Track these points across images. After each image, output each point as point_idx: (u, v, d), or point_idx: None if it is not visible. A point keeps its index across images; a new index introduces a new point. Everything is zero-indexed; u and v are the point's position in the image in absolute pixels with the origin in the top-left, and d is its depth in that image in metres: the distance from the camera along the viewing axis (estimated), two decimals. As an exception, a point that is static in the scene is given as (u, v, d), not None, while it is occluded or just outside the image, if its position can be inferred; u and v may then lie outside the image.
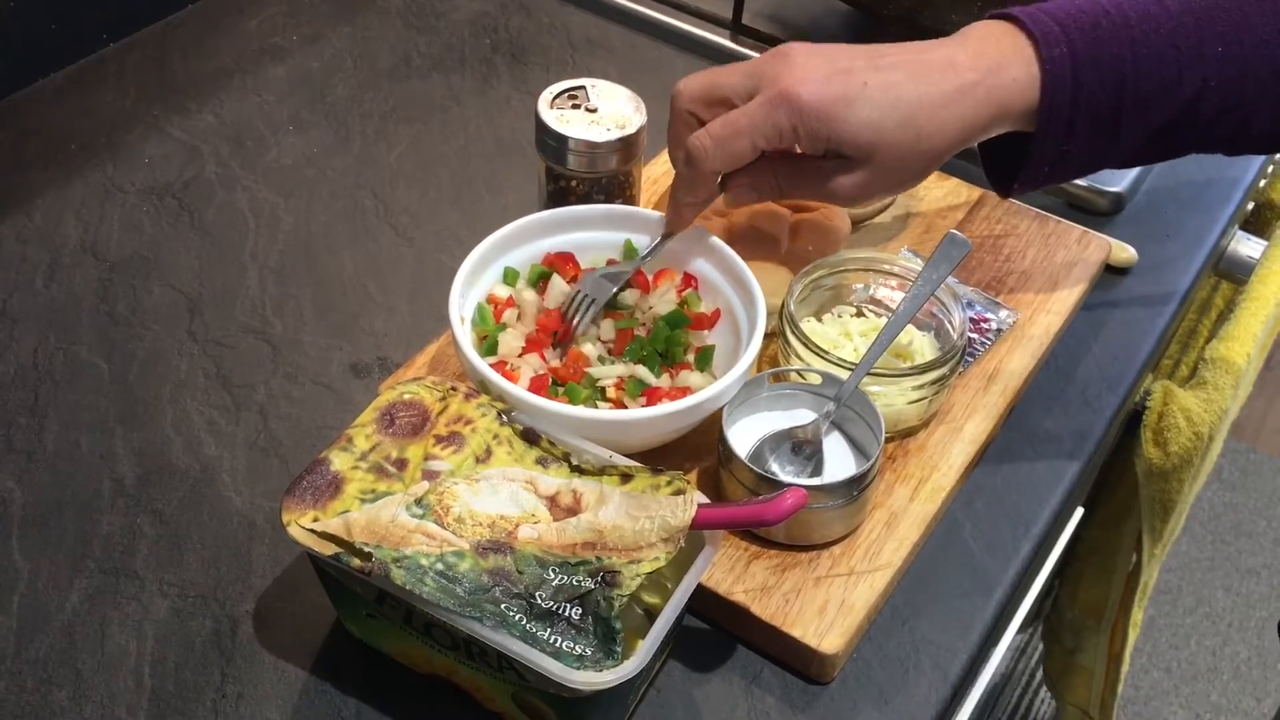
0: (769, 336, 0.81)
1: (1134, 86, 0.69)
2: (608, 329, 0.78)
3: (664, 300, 0.79)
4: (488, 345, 0.76)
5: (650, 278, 0.81)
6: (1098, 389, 0.87)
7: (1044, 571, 1.06)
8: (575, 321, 0.77)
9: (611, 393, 0.75)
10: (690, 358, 0.78)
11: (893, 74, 0.70)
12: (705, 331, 0.79)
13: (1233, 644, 1.99)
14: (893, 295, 0.84)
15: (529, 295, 0.79)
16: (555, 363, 0.76)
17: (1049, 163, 0.73)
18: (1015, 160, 0.75)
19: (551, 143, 0.82)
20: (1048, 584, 1.19)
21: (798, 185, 0.75)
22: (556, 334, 0.77)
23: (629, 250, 0.81)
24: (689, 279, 0.81)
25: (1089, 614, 1.22)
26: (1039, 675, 1.67)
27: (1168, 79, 0.69)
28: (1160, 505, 1.02)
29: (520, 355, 0.76)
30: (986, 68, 0.70)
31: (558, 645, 0.60)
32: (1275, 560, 2.12)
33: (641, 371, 0.75)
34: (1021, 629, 1.22)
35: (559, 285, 0.78)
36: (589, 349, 0.76)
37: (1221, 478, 2.23)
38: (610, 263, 0.81)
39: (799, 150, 0.73)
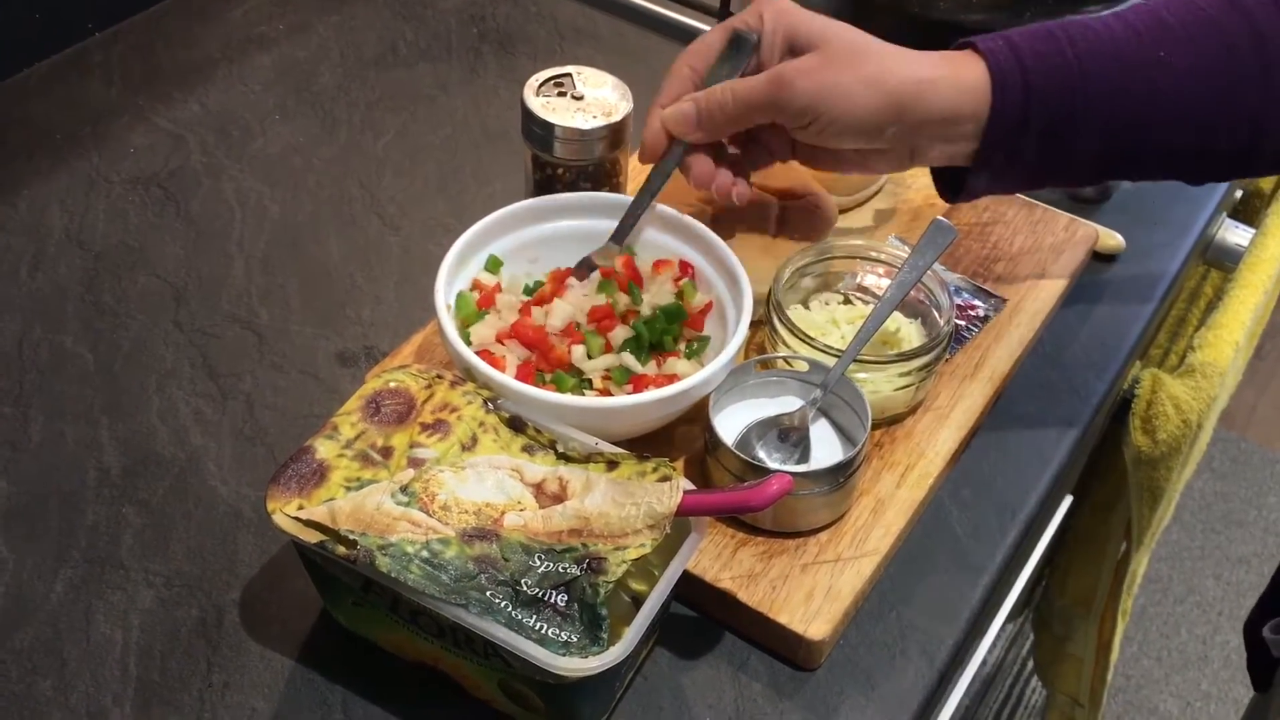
0: (756, 324, 0.81)
1: (1083, 84, 0.71)
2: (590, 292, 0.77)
3: (661, 290, 0.78)
4: (468, 334, 0.76)
5: (650, 267, 0.80)
6: (1085, 376, 0.87)
7: (1033, 560, 1.06)
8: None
9: (598, 380, 0.74)
10: (680, 346, 0.78)
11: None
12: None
13: (1223, 633, 2.00)
14: (880, 283, 0.84)
15: (510, 299, 0.78)
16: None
17: (1004, 153, 0.73)
18: (964, 174, 0.76)
19: (538, 130, 0.82)
20: (1037, 573, 1.19)
21: (743, 84, 0.75)
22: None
23: None
24: (685, 267, 0.80)
25: (1078, 602, 1.22)
26: (1030, 664, 1.67)
27: (1114, 79, 0.71)
28: (1149, 493, 1.02)
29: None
30: (949, 63, 0.73)
31: (543, 632, 0.60)
32: (1265, 549, 2.12)
33: (628, 359, 0.75)
34: (1012, 618, 1.22)
35: (561, 309, 0.76)
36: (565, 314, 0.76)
37: (1212, 467, 2.23)
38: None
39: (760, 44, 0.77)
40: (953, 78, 0.72)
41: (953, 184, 0.78)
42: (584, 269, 0.79)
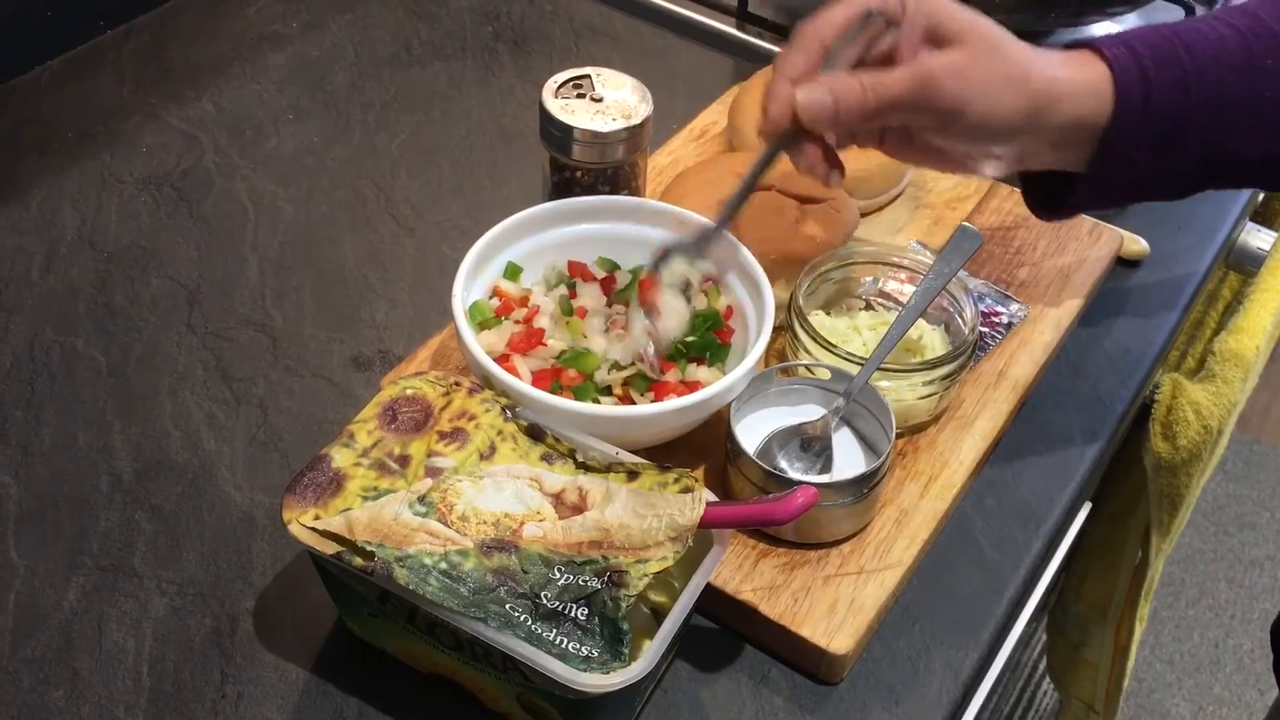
0: (777, 330, 0.80)
1: (1197, 94, 0.69)
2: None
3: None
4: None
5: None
6: (1109, 383, 0.86)
7: (1051, 566, 1.05)
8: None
9: (617, 388, 0.73)
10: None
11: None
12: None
13: (1236, 636, 1.99)
14: (902, 288, 0.83)
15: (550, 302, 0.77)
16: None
17: (1115, 163, 0.71)
18: (1062, 189, 0.74)
19: (556, 133, 0.81)
20: (1054, 578, 1.18)
21: (885, 79, 0.69)
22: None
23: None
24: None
25: (1095, 608, 1.21)
26: (1041, 667, 1.66)
27: (1225, 89, 0.69)
28: (1168, 499, 1.01)
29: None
30: (1074, 64, 0.70)
31: (563, 646, 0.59)
32: (1278, 552, 2.11)
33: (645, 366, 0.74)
34: (1026, 622, 1.21)
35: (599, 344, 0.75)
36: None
37: (1225, 469, 2.22)
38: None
39: (899, 23, 0.70)
40: (1081, 80, 0.69)
41: (1047, 200, 0.76)
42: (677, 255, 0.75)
